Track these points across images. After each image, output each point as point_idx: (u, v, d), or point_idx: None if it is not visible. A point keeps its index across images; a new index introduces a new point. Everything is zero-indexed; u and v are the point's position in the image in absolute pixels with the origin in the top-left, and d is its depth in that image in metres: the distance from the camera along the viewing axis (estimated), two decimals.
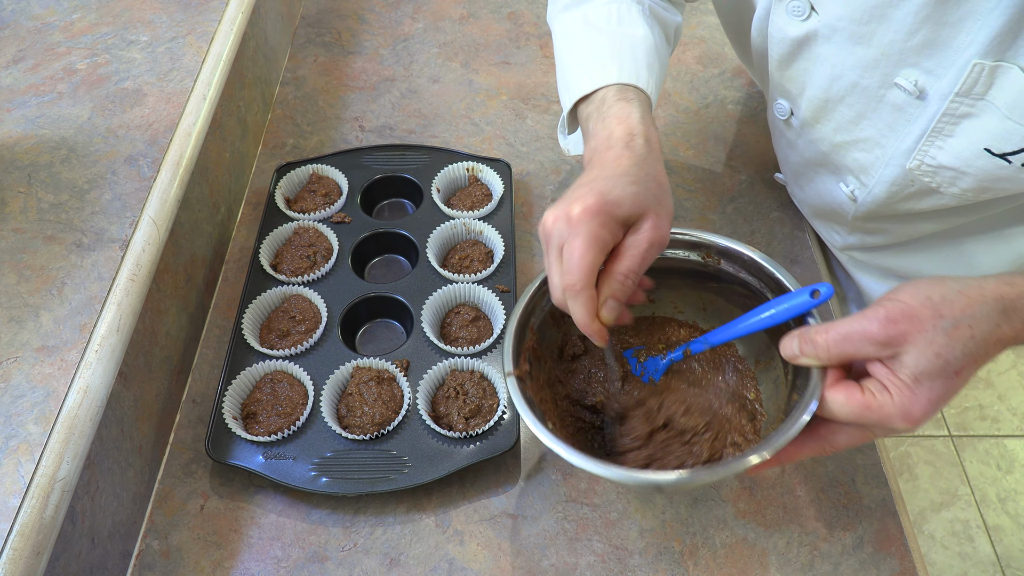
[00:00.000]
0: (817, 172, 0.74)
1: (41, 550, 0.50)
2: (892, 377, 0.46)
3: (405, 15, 1.14)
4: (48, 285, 0.62)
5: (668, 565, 0.64)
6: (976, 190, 0.58)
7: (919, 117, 0.58)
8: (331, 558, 0.64)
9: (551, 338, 0.64)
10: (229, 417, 0.67)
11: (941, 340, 0.45)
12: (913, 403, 0.45)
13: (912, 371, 0.45)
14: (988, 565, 1.63)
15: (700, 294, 0.66)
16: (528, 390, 0.57)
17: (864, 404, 0.47)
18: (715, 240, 0.61)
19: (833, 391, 0.48)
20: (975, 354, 0.45)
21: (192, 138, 0.75)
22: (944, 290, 0.46)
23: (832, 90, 0.64)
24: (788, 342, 0.51)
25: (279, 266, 0.80)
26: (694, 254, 0.63)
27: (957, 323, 0.45)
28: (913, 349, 0.45)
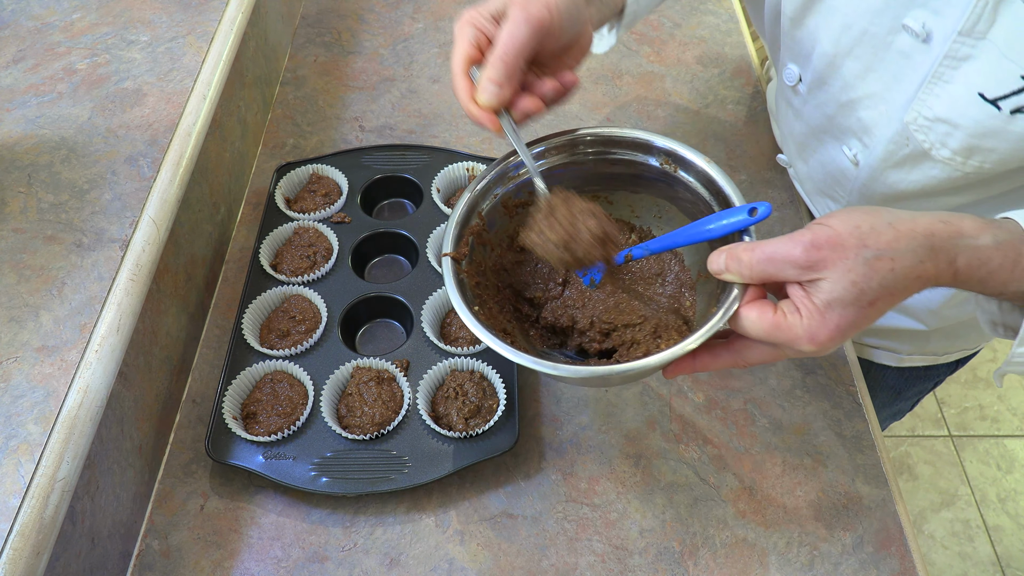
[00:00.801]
0: (821, 140, 0.74)
1: (41, 550, 0.50)
2: (806, 300, 0.47)
3: (405, 15, 1.14)
4: (48, 285, 0.62)
5: (668, 565, 0.64)
6: (965, 150, 0.58)
7: (923, 63, 0.59)
8: (331, 558, 0.64)
9: (502, 226, 0.64)
10: (229, 417, 0.67)
11: (860, 270, 0.45)
12: (821, 327, 0.46)
13: (826, 296, 0.46)
14: (988, 565, 1.63)
15: (656, 200, 0.66)
16: (462, 273, 0.58)
17: (774, 323, 0.47)
18: (673, 147, 0.61)
19: (748, 308, 0.49)
20: (893, 287, 0.46)
21: (192, 138, 0.75)
22: (875, 220, 0.46)
23: (842, 42, 0.64)
24: (716, 257, 0.51)
25: (279, 266, 0.80)
26: (653, 158, 0.62)
27: (880, 255, 0.45)
28: (831, 275, 0.45)
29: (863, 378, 0.76)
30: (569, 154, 0.63)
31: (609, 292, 0.63)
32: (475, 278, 0.59)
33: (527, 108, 0.57)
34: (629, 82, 1.04)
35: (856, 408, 0.73)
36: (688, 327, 0.61)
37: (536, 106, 0.58)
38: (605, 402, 0.73)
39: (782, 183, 0.91)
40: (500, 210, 0.63)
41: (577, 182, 0.64)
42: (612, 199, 0.67)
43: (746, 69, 1.06)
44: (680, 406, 0.73)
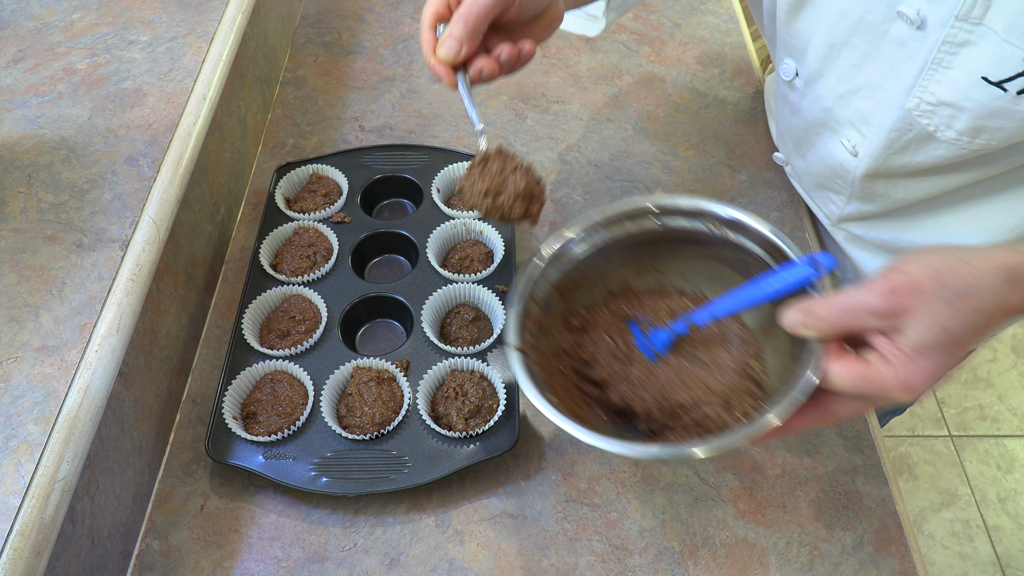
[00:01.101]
0: (819, 134, 0.74)
1: (41, 550, 0.50)
2: (893, 348, 0.46)
3: (405, 15, 1.14)
4: (48, 285, 0.62)
5: (668, 565, 0.64)
6: (972, 130, 0.58)
7: (920, 50, 0.58)
8: (331, 558, 0.64)
9: (557, 309, 0.64)
10: (229, 417, 0.67)
11: (945, 311, 0.44)
12: (914, 374, 0.45)
13: (914, 343, 0.45)
14: (988, 565, 1.63)
15: (707, 263, 0.65)
16: (532, 364, 0.57)
17: (865, 376, 0.47)
18: (719, 209, 0.61)
19: (834, 363, 0.48)
20: (979, 325, 0.45)
21: (192, 138, 0.75)
22: (949, 260, 0.45)
23: (838, 32, 0.65)
24: (789, 314, 0.51)
25: (279, 266, 0.80)
26: (699, 223, 0.62)
27: (960, 294, 0.44)
28: (915, 321, 0.44)
29: None
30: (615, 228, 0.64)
31: (674, 365, 0.62)
32: (541, 365, 0.59)
33: (481, 68, 0.59)
34: (629, 82, 1.04)
35: None
36: (759, 388, 0.60)
37: (491, 68, 0.60)
38: None
39: (782, 183, 0.91)
40: (555, 294, 0.63)
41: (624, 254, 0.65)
42: (661, 267, 0.67)
43: (746, 69, 1.06)
44: None
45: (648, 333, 0.63)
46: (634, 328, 0.65)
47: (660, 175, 0.92)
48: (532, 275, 0.61)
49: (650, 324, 0.65)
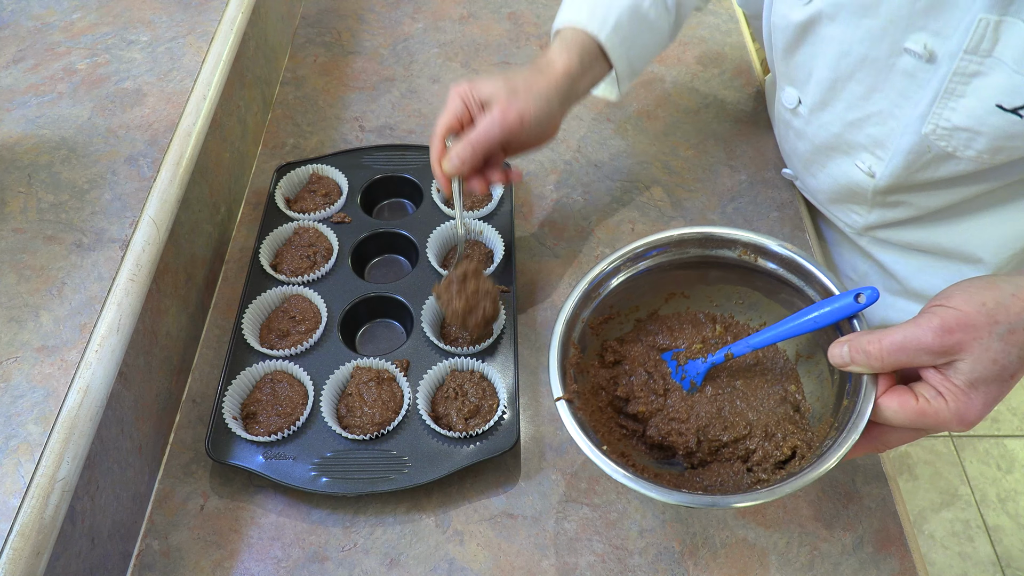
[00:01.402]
0: (830, 157, 0.74)
1: (41, 550, 0.50)
2: (947, 384, 0.46)
3: (405, 15, 1.14)
4: (48, 285, 0.62)
5: (668, 565, 0.64)
6: (991, 151, 0.58)
7: (930, 80, 0.59)
8: (331, 558, 0.64)
9: (592, 346, 0.65)
10: (229, 417, 0.67)
11: (997, 346, 0.45)
12: (968, 408, 0.46)
13: (968, 378, 0.46)
14: (988, 565, 1.63)
15: (736, 288, 0.66)
16: (579, 411, 0.57)
17: (919, 411, 0.47)
18: (751, 238, 0.62)
19: (887, 399, 0.49)
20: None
21: (192, 138, 0.75)
22: (998, 294, 0.46)
23: (840, 68, 0.65)
24: (838, 350, 0.51)
25: (279, 266, 0.80)
26: (729, 251, 0.63)
27: (1013, 328, 0.45)
28: (969, 357, 0.45)
29: None
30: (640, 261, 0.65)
31: (711, 396, 0.62)
32: (586, 408, 0.59)
33: (474, 187, 0.71)
34: None
35: None
36: (799, 413, 0.61)
37: (482, 188, 0.71)
38: None
39: (782, 183, 0.91)
40: (588, 332, 0.64)
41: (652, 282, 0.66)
42: (689, 293, 0.68)
43: (746, 69, 1.06)
44: None
45: (684, 364, 0.63)
46: (669, 361, 0.65)
47: (660, 175, 0.92)
48: (566, 317, 0.61)
49: (684, 354, 0.65)
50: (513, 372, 0.71)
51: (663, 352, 0.66)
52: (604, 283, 0.64)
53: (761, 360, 0.64)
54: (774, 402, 0.61)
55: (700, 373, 0.62)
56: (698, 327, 0.67)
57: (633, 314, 0.68)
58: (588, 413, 0.59)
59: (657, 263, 0.65)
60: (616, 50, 0.71)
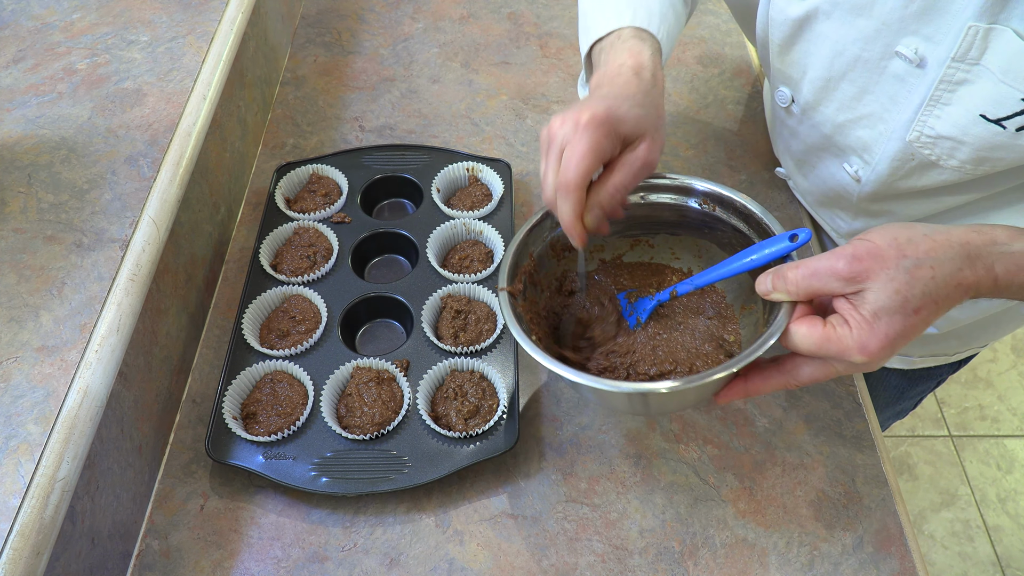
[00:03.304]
0: (820, 157, 0.74)
1: (41, 550, 0.50)
2: (853, 312, 0.48)
3: (405, 15, 1.14)
4: (48, 285, 0.62)
5: (668, 565, 0.64)
6: (974, 161, 0.59)
7: (919, 87, 0.59)
8: (331, 558, 0.64)
9: (550, 269, 0.67)
10: (229, 417, 0.67)
11: (902, 278, 0.46)
12: (870, 337, 0.47)
13: (872, 307, 0.47)
14: (988, 565, 1.63)
15: (696, 241, 0.68)
16: (518, 307, 0.60)
17: (824, 336, 0.49)
18: (710, 187, 0.64)
19: (797, 323, 0.51)
20: (935, 295, 0.47)
21: (192, 138, 0.75)
22: (911, 232, 0.48)
23: (834, 67, 0.65)
24: (763, 278, 0.53)
25: (279, 266, 0.80)
26: (692, 200, 0.65)
27: (919, 263, 0.47)
28: (875, 286, 0.47)
29: (863, 378, 0.76)
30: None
31: (651, 334, 0.64)
32: (529, 314, 0.62)
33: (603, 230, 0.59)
34: None
35: (856, 408, 0.73)
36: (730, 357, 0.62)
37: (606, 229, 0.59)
38: None
39: (782, 183, 0.91)
40: (549, 252, 0.66)
41: (620, 227, 0.67)
42: (654, 243, 0.70)
43: (746, 69, 1.06)
44: None
45: (634, 303, 0.66)
46: (620, 298, 0.67)
47: None
48: (529, 226, 0.64)
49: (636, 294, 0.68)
50: (513, 372, 0.71)
51: (619, 292, 0.69)
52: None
53: (704, 307, 0.67)
54: (710, 347, 0.63)
55: (646, 310, 0.64)
56: (656, 275, 0.70)
57: (598, 253, 0.70)
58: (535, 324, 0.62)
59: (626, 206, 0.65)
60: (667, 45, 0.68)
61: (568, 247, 0.67)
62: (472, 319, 0.75)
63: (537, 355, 0.55)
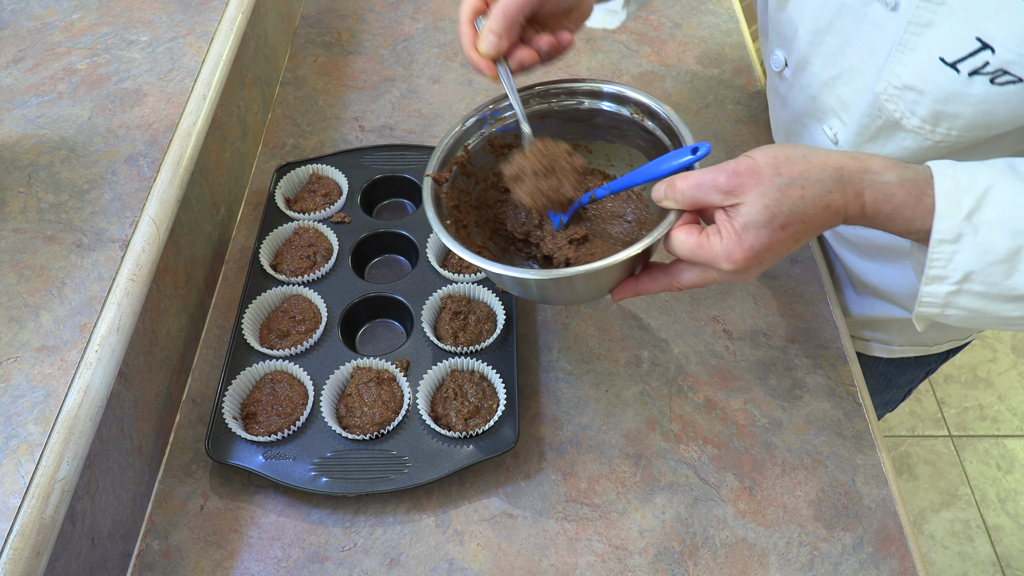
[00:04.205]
0: (804, 124, 0.76)
1: (41, 550, 0.50)
2: (727, 223, 0.51)
3: (405, 15, 1.14)
4: (48, 285, 0.62)
5: (668, 565, 0.64)
6: (932, 117, 0.60)
7: (890, 31, 0.61)
8: (331, 558, 0.64)
9: (487, 163, 0.69)
10: (229, 417, 0.67)
11: (773, 195, 0.49)
12: (737, 247, 0.50)
13: (743, 220, 0.50)
14: (988, 565, 1.63)
15: (629, 150, 0.70)
16: (441, 194, 0.63)
17: (697, 243, 0.52)
18: (639, 97, 0.66)
19: (677, 229, 0.54)
20: (803, 213, 0.50)
21: (192, 138, 0.75)
22: (791, 153, 0.51)
23: (822, 17, 0.67)
24: (659, 186, 0.56)
25: (279, 266, 0.80)
26: (625, 108, 0.67)
27: (791, 182, 0.50)
28: (748, 199, 0.50)
29: (863, 378, 0.76)
30: (549, 102, 0.69)
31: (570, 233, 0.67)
32: (454, 202, 0.65)
33: (523, 58, 0.62)
34: (629, 82, 1.04)
35: (856, 408, 0.73)
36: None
37: (531, 57, 0.62)
38: (605, 402, 0.73)
39: None
40: (486, 147, 0.68)
41: (556, 128, 0.69)
42: (591, 148, 0.72)
43: (746, 69, 1.06)
44: (680, 406, 0.73)
45: None
46: None
47: None
48: (467, 123, 0.66)
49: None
50: (513, 372, 0.71)
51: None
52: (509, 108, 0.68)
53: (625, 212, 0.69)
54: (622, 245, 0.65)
55: (570, 211, 0.66)
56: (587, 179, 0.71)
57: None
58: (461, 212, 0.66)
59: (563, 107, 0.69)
60: None
61: (506, 144, 0.69)
62: (472, 319, 0.75)
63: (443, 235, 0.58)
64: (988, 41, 0.53)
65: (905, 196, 0.50)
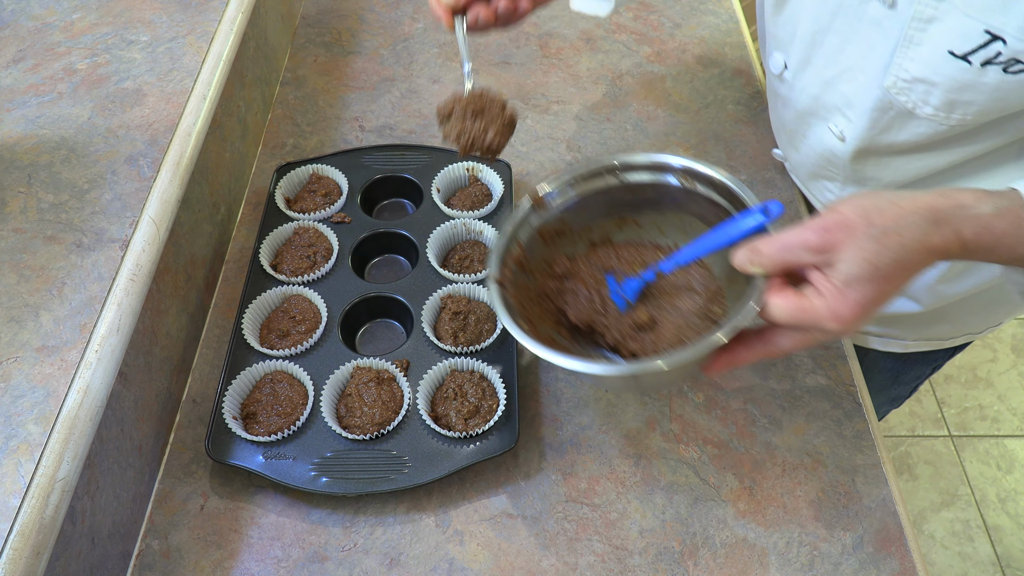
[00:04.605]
0: (808, 124, 0.76)
1: (41, 550, 0.50)
2: (825, 282, 0.49)
3: (405, 15, 1.14)
4: (48, 285, 0.62)
5: (668, 565, 0.64)
6: (947, 105, 0.60)
7: (893, 29, 0.61)
8: (331, 558, 0.64)
9: (541, 254, 0.68)
10: (229, 417, 0.67)
11: (871, 247, 0.47)
12: (843, 305, 0.48)
13: (843, 276, 0.48)
14: (988, 565, 1.63)
15: (680, 216, 0.69)
16: (508, 296, 0.62)
17: (799, 307, 0.50)
18: (688, 164, 0.65)
19: (772, 295, 0.52)
20: (904, 261, 0.48)
21: (192, 138, 0.75)
22: (878, 201, 0.49)
23: (820, 19, 0.67)
24: (739, 253, 0.54)
25: (279, 266, 0.80)
26: (672, 177, 0.66)
27: (887, 231, 0.48)
28: (845, 255, 0.48)
29: (869, 376, 0.76)
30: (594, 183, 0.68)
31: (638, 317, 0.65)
32: (520, 301, 0.64)
33: (479, 14, 0.65)
34: (629, 82, 1.04)
35: (856, 408, 0.73)
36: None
37: (487, 16, 0.66)
38: (605, 402, 0.73)
39: (783, 183, 0.91)
40: (537, 239, 0.68)
41: (605, 208, 0.69)
42: (640, 221, 0.71)
43: (746, 69, 1.06)
44: (680, 406, 0.73)
45: (621, 283, 0.67)
46: (610, 279, 0.68)
47: None
48: (516, 218, 0.66)
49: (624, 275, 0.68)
50: (513, 372, 0.71)
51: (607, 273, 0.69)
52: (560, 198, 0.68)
53: (691, 284, 0.68)
54: (698, 319, 0.65)
55: (635, 290, 0.65)
56: (643, 252, 0.71)
57: (587, 234, 0.71)
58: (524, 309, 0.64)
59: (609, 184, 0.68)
60: None
61: (556, 231, 0.68)
62: (472, 319, 0.75)
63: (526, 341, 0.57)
64: (998, 33, 0.53)
65: (1006, 226, 0.49)
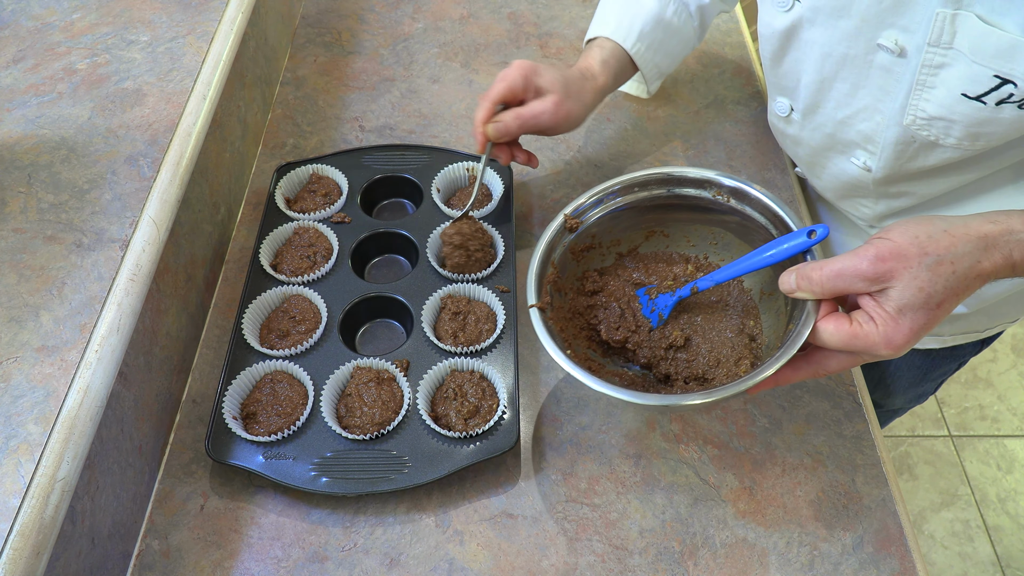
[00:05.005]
0: (827, 157, 0.77)
1: (41, 550, 0.50)
2: (878, 309, 0.50)
3: (405, 15, 1.14)
4: (48, 285, 0.62)
5: (668, 565, 0.64)
6: (970, 137, 0.61)
7: (905, 74, 0.62)
8: (331, 558, 0.64)
9: (571, 271, 0.70)
10: (229, 417, 0.67)
11: (924, 276, 0.49)
12: (896, 332, 0.50)
13: (897, 304, 0.50)
14: (988, 565, 1.63)
15: (711, 229, 0.70)
16: (549, 320, 0.63)
17: (852, 334, 0.52)
18: (725, 180, 0.67)
19: (825, 322, 0.53)
20: (956, 287, 0.50)
21: (192, 138, 0.75)
22: (931, 228, 0.50)
23: (825, 69, 0.68)
24: (786, 277, 0.55)
25: (279, 266, 0.80)
26: (705, 191, 0.68)
27: (940, 260, 0.49)
28: (899, 284, 0.49)
29: (863, 378, 0.76)
30: (626, 195, 0.70)
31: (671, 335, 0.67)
32: (558, 323, 0.65)
33: (500, 154, 0.78)
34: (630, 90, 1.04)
35: (856, 408, 0.73)
36: (756, 344, 0.65)
37: (506, 159, 0.78)
38: (605, 402, 0.73)
39: (783, 183, 0.91)
40: (569, 256, 0.69)
41: (632, 219, 0.71)
42: (668, 232, 0.73)
43: (746, 69, 1.06)
44: None
45: (654, 299, 0.68)
46: (641, 295, 0.69)
47: None
48: (550, 239, 0.67)
49: (656, 290, 0.69)
50: (513, 372, 0.71)
51: (638, 288, 0.70)
52: (586, 213, 0.69)
53: (725, 298, 0.69)
54: (732, 334, 0.66)
55: (668, 306, 0.66)
56: (673, 266, 0.72)
57: (615, 248, 0.73)
58: (563, 330, 0.65)
59: (638, 198, 0.70)
60: (642, 56, 0.82)
61: (585, 247, 0.70)
62: (472, 319, 0.75)
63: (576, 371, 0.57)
64: (1008, 77, 0.55)
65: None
